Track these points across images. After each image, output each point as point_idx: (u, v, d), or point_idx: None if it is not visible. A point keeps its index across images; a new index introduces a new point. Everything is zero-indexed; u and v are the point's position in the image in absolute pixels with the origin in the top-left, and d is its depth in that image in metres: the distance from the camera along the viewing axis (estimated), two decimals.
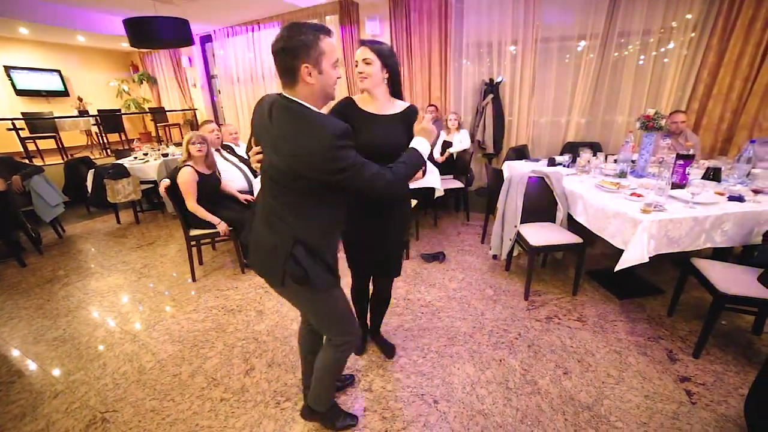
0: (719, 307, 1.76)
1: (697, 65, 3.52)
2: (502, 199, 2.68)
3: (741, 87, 3.34)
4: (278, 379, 1.87)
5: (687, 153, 2.16)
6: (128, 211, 4.64)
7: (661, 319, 2.22)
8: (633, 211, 1.92)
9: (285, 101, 1.04)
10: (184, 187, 2.62)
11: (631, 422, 1.55)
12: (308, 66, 0.99)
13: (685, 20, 3.50)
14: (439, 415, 1.63)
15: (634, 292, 2.46)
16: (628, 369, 1.85)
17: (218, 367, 1.97)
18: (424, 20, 4.31)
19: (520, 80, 4.22)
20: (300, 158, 1.00)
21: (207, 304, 2.60)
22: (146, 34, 3.91)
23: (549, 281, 2.70)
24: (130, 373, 1.96)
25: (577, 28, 3.91)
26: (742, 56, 3.28)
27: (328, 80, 1.05)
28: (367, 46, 1.36)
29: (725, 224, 1.92)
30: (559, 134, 4.36)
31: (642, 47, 3.75)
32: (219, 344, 2.16)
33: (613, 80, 3.97)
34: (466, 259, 3.12)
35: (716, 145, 3.53)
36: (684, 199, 1.99)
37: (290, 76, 1.02)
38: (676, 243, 1.89)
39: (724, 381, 1.76)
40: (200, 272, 3.07)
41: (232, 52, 6.00)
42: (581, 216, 2.36)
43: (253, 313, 2.45)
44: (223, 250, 3.51)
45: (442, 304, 2.48)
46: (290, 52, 0.98)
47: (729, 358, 1.89)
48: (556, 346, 2.03)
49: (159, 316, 2.47)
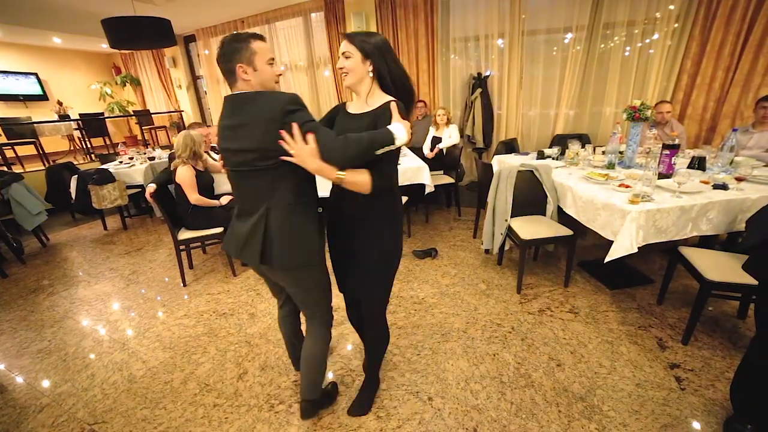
0: (706, 294, 1.79)
1: (681, 55, 3.56)
2: (492, 193, 2.68)
3: (723, 77, 3.39)
4: (272, 382, 1.85)
5: (673, 143, 2.18)
6: (115, 217, 4.55)
7: (651, 307, 2.25)
8: (621, 202, 1.93)
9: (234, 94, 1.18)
10: (186, 183, 2.66)
11: (624, 411, 1.57)
12: (242, 65, 1.14)
13: (668, 11, 3.54)
14: (434, 412, 1.63)
15: (624, 282, 2.49)
16: (619, 358, 1.87)
17: (211, 373, 1.94)
18: (411, 15, 4.29)
19: (508, 74, 4.22)
20: (259, 129, 1.10)
21: (198, 308, 2.56)
22: (126, 34, 3.82)
23: (541, 274, 2.72)
24: (119, 382, 1.92)
25: (563, 21, 3.92)
26: (723, 46, 3.33)
27: (263, 75, 1.18)
28: (347, 39, 1.22)
29: (711, 212, 1.94)
30: (548, 127, 4.39)
31: (627, 38, 3.78)
32: (211, 349, 2.13)
33: (600, 72, 3.99)
34: (459, 255, 3.13)
35: (701, 134, 3.58)
36: (671, 189, 2.01)
37: (231, 77, 1.17)
38: (663, 232, 1.92)
39: (711, 366, 1.79)
40: (191, 276, 3.02)
41: None
42: (571, 208, 2.37)
43: (245, 317, 2.42)
44: (214, 254, 3.46)
45: (435, 300, 2.48)
46: (226, 57, 1.14)
47: (716, 344, 1.93)
48: (549, 338, 2.05)
49: (149, 323, 2.43)
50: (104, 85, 7.63)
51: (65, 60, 7.37)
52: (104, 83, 7.66)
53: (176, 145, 2.69)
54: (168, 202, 2.77)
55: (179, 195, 2.72)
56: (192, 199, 2.69)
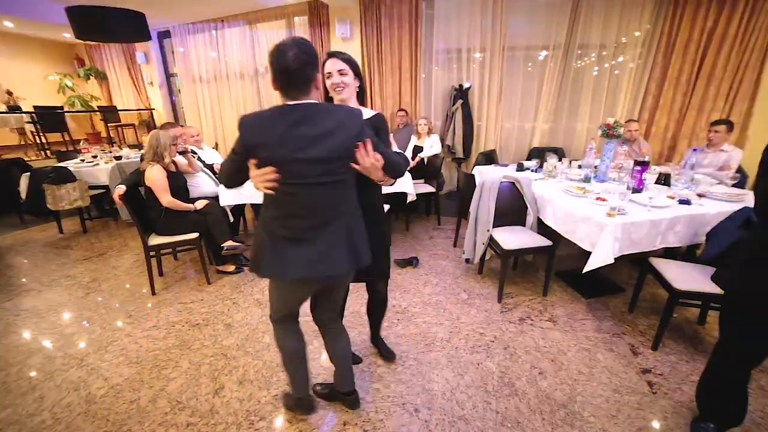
0: (674, 303, 1.91)
1: (647, 78, 3.83)
2: (474, 203, 2.73)
3: (681, 100, 3.68)
4: (251, 396, 1.76)
5: (643, 159, 2.32)
6: (73, 220, 4.22)
7: (623, 315, 2.36)
8: (599, 215, 2.02)
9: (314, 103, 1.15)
10: (157, 185, 2.50)
11: (602, 416, 1.63)
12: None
13: (635, 37, 3.82)
14: (421, 424, 1.60)
15: (598, 291, 2.61)
16: (596, 365, 1.94)
17: (183, 389, 1.81)
18: (395, 25, 4.34)
19: (488, 86, 4.36)
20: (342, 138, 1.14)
21: (169, 318, 2.40)
22: (95, 25, 3.58)
23: (520, 283, 2.79)
24: (75, 404, 1.74)
25: (541, 39, 4.12)
26: (681, 73, 3.62)
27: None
28: (338, 57, 1.39)
29: (677, 226, 2.08)
30: (526, 139, 4.56)
31: (599, 59, 4.03)
32: (184, 363, 1.99)
33: (574, 89, 4.22)
34: (440, 264, 3.15)
35: (663, 152, 3.86)
36: (643, 203, 2.14)
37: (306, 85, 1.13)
38: (636, 244, 2.02)
39: (678, 370, 1.90)
40: (160, 284, 2.84)
41: (193, 50, 5.69)
42: (550, 219, 2.46)
43: (221, 327, 2.30)
44: (185, 260, 3.28)
45: (418, 309, 2.47)
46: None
47: (681, 348, 2.05)
48: (530, 347, 2.09)
49: (112, 336, 2.24)
50: (64, 77, 7.11)
51: (18, 46, 6.73)
52: (64, 75, 7.13)
53: (145, 145, 2.55)
54: (138, 205, 2.60)
55: (150, 198, 2.56)
56: (164, 202, 2.54)
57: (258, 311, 2.46)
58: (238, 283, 2.84)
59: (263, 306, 2.52)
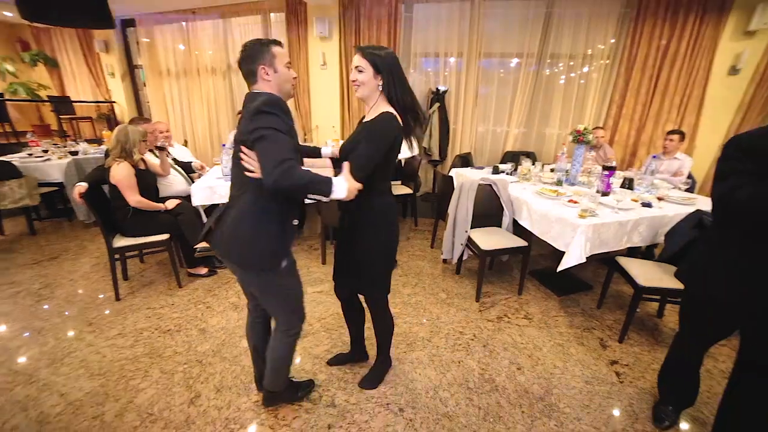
0: (639, 298, 2.05)
1: (611, 88, 4.10)
2: (453, 205, 2.78)
3: (641, 110, 3.97)
4: (230, 404, 1.68)
5: (611, 165, 2.48)
6: (18, 220, 3.85)
7: (593, 311, 2.51)
8: (572, 217, 2.13)
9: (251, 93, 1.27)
10: (124, 183, 2.33)
11: (577, 406, 1.72)
12: (264, 67, 1.24)
13: (600, 49, 4.07)
14: (406, 423, 1.61)
15: (569, 289, 2.74)
16: (570, 359, 2.04)
17: (155, 400, 1.70)
18: (374, 27, 4.35)
19: (464, 91, 4.47)
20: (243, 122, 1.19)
21: (137, 325, 2.25)
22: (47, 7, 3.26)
23: (496, 283, 2.88)
24: (23, 426, 1.56)
25: (515, 47, 4.29)
26: (641, 85, 3.91)
27: (282, 77, 1.28)
28: (360, 53, 1.32)
29: (641, 227, 2.24)
30: (499, 143, 4.73)
31: (569, 69, 4.26)
32: (154, 372, 1.87)
33: (546, 96, 4.43)
34: (418, 264, 3.18)
35: (625, 158, 4.14)
36: (611, 206, 2.28)
37: (252, 77, 1.26)
38: (605, 244, 2.16)
39: (641, 360, 2.05)
40: (125, 289, 2.66)
41: (161, 42, 5.38)
42: (526, 221, 2.56)
43: (194, 332, 2.19)
44: (153, 263, 3.09)
45: (398, 310, 2.48)
46: (249, 59, 1.24)
47: (643, 340, 2.21)
48: (508, 343, 2.16)
49: (69, 347, 2.05)
50: (3, 60, 6.43)
51: None
52: (3, 59, 6.45)
53: (110, 140, 2.38)
54: (101, 204, 2.42)
55: (115, 197, 2.39)
56: (132, 201, 2.38)
57: (234, 315, 2.37)
58: (212, 286, 2.72)
59: (239, 309, 2.43)
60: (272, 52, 1.24)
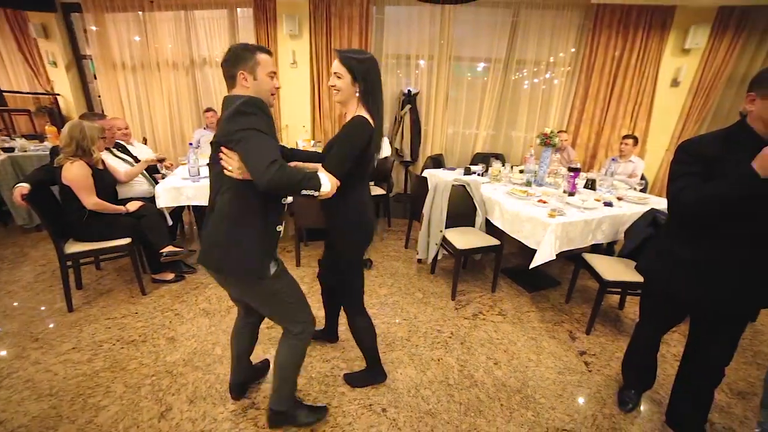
0: (603, 291, 2.19)
1: (573, 94, 4.36)
2: (428, 205, 2.83)
3: (599, 115, 4.27)
4: (205, 415, 1.60)
5: (575, 166, 2.63)
6: None
7: (562, 306, 2.64)
8: (542, 216, 2.24)
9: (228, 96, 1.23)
10: (79, 184, 2.14)
11: (551, 396, 1.81)
12: (243, 73, 1.21)
13: (562, 57, 4.31)
14: (390, 423, 1.61)
15: (539, 285, 2.87)
16: (543, 352, 2.14)
17: (119, 417, 1.58)
18: (345, 27, 4.31)
19: (435, 93, 4.55)
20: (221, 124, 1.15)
21: (94, 338, 2.07)
22: None
23: (470, 281, 2.95)
24: None
25: (484, 52, 4.44)
26: (599, 92, 4.20)
27: (262, 86, 1.24)
28: (338, 57, 1.31)
29: (604, 225, 2.40)
30: (469, 145, 4.86)
31: (534, 74, 4.48)
32: (118, 387, 1.74)
33: (513, 100, 4.62)
34: (393, 265, 3.20)
35: (586, 160, 4.42)
36: (577, 205, 2.42)
37: (231, 81, 1.24)
38: (572, 241, 2.28)
39: (606, 349, 2.19)
40: (79, 299, 2.44)
41: (114, 32, 5.00)
42: (498, 220, 2.65)
43: (162, 342, 2.05)
44: (111, 269, 2.86)
45: (376, 310, 2.48)
46: (231, 62, 1.21)
47: (607, 331, 2.37)
48: (484, 340, 2.23)
49: (9, 367, 1.84)
50: None
51: None
52: None
53: (61, 137, 2.17)
54: (48, 206, 2.20)
55: (67, 199, 2.19)
56: (89, 203, 2.19)
57: (206, 321, 2.25)
58: (180, 292, 2.57)
59: (211, 315, 2.31)
60: (256, 59, 1.21)
